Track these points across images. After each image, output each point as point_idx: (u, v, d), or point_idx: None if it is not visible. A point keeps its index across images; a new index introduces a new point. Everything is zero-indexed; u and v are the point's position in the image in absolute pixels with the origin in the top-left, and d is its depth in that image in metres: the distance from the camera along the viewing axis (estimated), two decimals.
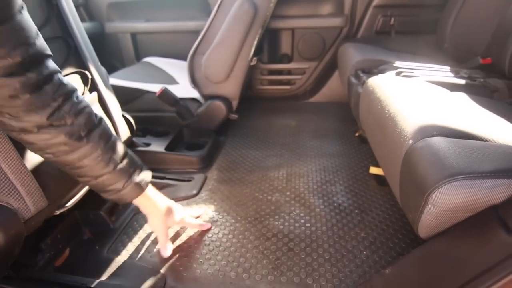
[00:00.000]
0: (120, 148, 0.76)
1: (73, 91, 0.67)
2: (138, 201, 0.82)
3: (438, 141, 0.64)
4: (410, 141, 0.68)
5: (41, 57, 0.60)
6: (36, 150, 0.66)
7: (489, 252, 0.48)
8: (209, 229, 0.99)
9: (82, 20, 1.90)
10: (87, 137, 0.67)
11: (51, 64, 0.63)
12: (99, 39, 1.97)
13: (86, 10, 1.96)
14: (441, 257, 0.56)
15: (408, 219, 0.69)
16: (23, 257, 0.87)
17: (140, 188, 0.79)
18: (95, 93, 1.02)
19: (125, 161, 0.76)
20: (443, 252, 0.56)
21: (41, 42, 0.60)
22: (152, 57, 1.94)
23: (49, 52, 0.62)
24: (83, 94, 0.97)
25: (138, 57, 2.02)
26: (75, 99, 0.66)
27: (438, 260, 0.56)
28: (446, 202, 0.54)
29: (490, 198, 0.53)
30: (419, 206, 0.58)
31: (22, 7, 0.56)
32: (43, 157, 0.68)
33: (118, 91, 1.18)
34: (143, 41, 2.01)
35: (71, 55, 0.97)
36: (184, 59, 1.69)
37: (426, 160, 0.61)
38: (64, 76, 0.72)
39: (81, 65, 0.99)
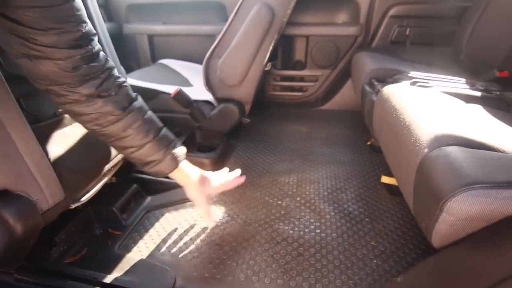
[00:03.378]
0: (157, 121, 0.82)
1: (113, 67, 0.73)
2: (175, 174, 0.86)
3: (454, 151, 0.64)
4: (426, 150, 0.68)
5: (92, 35, 0.67)
6: (86, 122, 0.71)
7: (504, 263, 0.48)
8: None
9: None
10: (129, 107, 0.73)
11: (97, 42, 0.69)
12: (117, 40, 2.00)
13: (105, 11, 2.01)
14: (454, 266, 0.56)
15: (421, 228, 0.69)
16: (37, 249, 0.88)
17: (176, 159, 0.83)
18: None
19: (162, 133, 0.81)
20: (456, 261, 0.56)
21: (89, 22, 0.67)
22: (167, 59, 1.97)
23: (94, 31, 0.69)
24: None
25: (154, 58, 2.06)
26: (116, 74, 0.73)
27: (451, 269, 0.56)
28: (461, 211, 0.54)
29: (507, 209, 0.52)
30: (434, 214, 0.58)
31: None
32: (91, 129, 0.73)
33: (134, 91, 1.20)
34: (159, 43, 2.05)
35: None
36: (199, 62, 1.72)
37: (441, 169, 0.61)
38: None
39: None
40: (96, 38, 0.68)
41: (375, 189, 1.18)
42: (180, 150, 0.85)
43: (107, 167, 0.94)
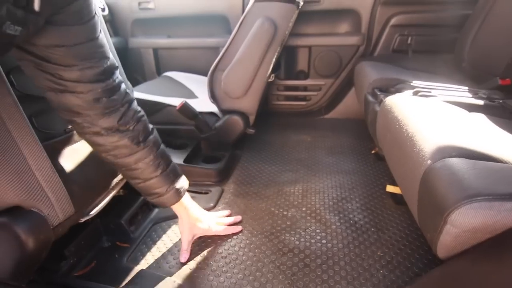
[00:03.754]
0: (167, 156, 0.86)
1: (133, 99, 0.78)
2: (175, 206, 0.91)
3: (457, 162, 0.64)
4: (429, 161, 0.69)
5: (114, 68, 0.72)
6: (102, 152, 0.76)
7: (508, 275, 0.48)
8: (239, 232, 1.05)
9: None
10: (144, 142, 0.78)
11: (119, 74, 0.74)
12: (123, 54, 2.05)
13: (111, 26, 2.06)
14: (460, 278, 0.56)
15: (426, 238, 0.70)
16: (47, 262, 0.90)
17: (179, 194, 0.88)
18: None
19: (170, 168, 0.85)
20: (461, 273, 0.56)
21: (112, 56, 0.72)
22: (172, 72, 2.00)
23: (116, 64, 0.73)
24: None
25: (159, 71, 2.09)
26: (135, 107, 0.78)
27: (456, 281, 0.56)
28: (465, 223, 0.54)
29: (510, 220, 0.53)
30: (438, 226, 0.59)
31: (100, 29, 0.68)
32: (105, 158, 0.77)
33: (141, 104, 1.21)
34: (164, 56, 2.08)
35: None
36: (203, 74, 1.75)
37: (445, 180, 0.62)
38: None
39: None
40: (117, 71, 0.72)
41: (380, 198, 1.19)
42: (184, 185, 0.90)
43: (115, 181, 0.96)
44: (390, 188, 1.21)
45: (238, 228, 1.05)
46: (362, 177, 1.34)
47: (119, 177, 0.98)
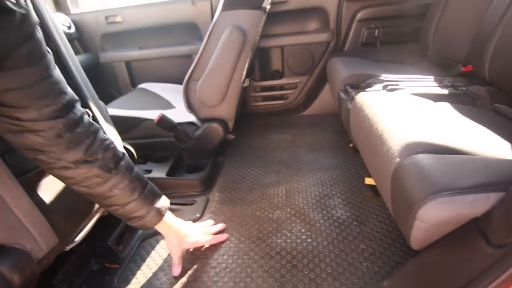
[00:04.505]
0: (142, 178, 0.85)
1: (99, 129, 0.77)
2: (158, 226, 0.91)
3: (423, 159, 0.68)
4: (397, 159, 0.72)
5: (74, 101, 0.71)
6: (73, 184, 0.75)
7: (473, 263, 0.52)
8: (226, 239, 1.07)
9: (77, 52, 1.97)
10: (116, 169, 0.77)
11: (80, 107, 0.73)
12: (95, 69, 2.03)
13: (80, 43, 2.02)
14: (431, 269, 0.60)
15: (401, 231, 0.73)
16: None
17: (160, 213, 0.88)
18: None
19: (147, 190, 0.85)
20: (433, 264, 0.60)
21: (70, 90, 0.71)
22: (147, 83, 1.99)
23: (76, 97, 0.72)
24: None
25: (134, 83, 2.08)
26: (102, 136, 0.77)
27: (429, 272, 0.60)
28: (432, 218, 0.58)
29: (471, 212, 0.57)
30: (409, 221, 0.63)
31: (55, 66, 0.67)
32: (78, 190, 0.76)
33: (118, 121, 1.22)
34: (137, 68, 2.07)
35: None
36: (178, 82, 1.75)
37: (412, 177, 0.66)
38: None
39: (82, 104, 1.04)
40: (78, 104, 0.72)
41: (360, 191, 1.23)
42: (164, 203, 0.90)
43: (97, 205, 0.96)
44: (368, 181, 1.25)
45: (225, 235, 1.07)
46: (342, 171, 1.38)
47: None
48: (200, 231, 1.04)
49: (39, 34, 0.62)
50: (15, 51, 0.57)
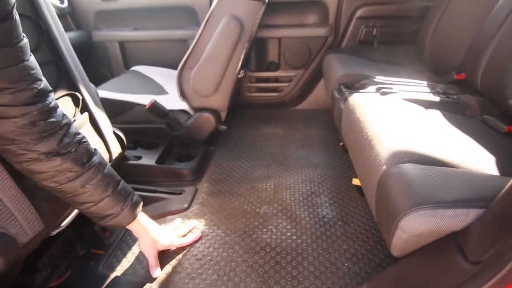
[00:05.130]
0: (115, 174, 0.83)
1: (71, 122, 0.75)
2: (131, 226, 0.89)
3: (409, 169, 0.70)
4: (384, 167, 0.74)
5: (48, 91, 0.70)
6: (43, 180, 0.72)
7: (448, 277, 0.55)
8: (199, 239, 1.05)
9: (69, 29, 1.91)
10: (89, 163, 0.75)
11: (53, 98, 0.71)
12: (87, 48, 1.98)
13: (73, 19, 1.96)
14: (408, 277, 0.62)
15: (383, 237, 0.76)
16: (21, 276, 0.90)
17: (135, 210, 0.86)
18: (86, 114, 1.05)
19: (120, 186, 0.83)
20: (411, 273, 0.63)
21: (45, 79, 0.69)
22: (141, 66, 1.96)
23: (50, 87, 0.71)
24: (74, 115, 1.00)
25: (127, 65, 2.04)
26: (74, 130, 0.75)
27: (406, 280, 0.63)
28: (413, 229, 0.60)
29: (451, 226, 0.59)
30: (391, 230, 0.64)
31: (31, 53, 0.65)
32: (47, 186, 0.73)
33: (108, 104, 1.21)
34: (131, 49, 2.02)
35: (62, 78, 1.00)
36: (173, 67, 1.72)
37: (397, 187, 0.67)
38: (56, 99, 0.83)
39: (72, 87, 1.02)
40: (52, 94, 0.70)
41: (347, 191, 1.25)
42: (138, 200, 0.88)
43: None
44: (355, 181, 1.27)
45: (197, 234, 1.06)
46: (331, 170, 1.40)
47: None
48: (173, 234, 1.03)
49: (16, 16, 0.61)
50: None
